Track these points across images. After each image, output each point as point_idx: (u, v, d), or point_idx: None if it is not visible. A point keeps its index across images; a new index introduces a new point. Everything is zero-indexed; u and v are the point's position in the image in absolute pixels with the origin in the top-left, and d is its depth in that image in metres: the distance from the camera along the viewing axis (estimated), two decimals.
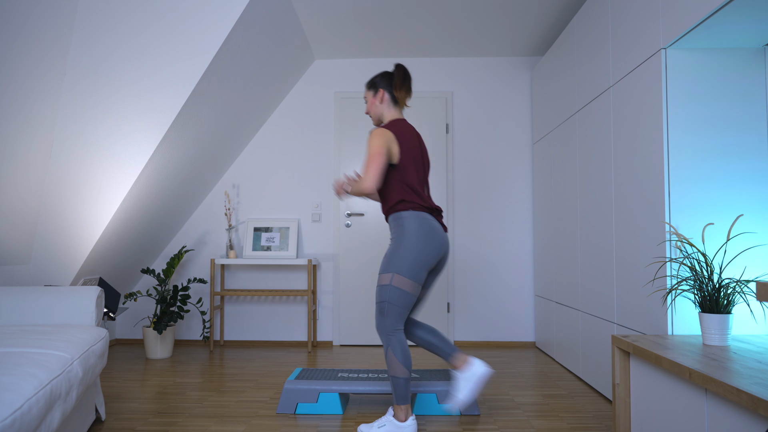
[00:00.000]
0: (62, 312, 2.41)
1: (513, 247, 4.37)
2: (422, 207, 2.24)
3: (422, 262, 2.18)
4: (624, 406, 2.13)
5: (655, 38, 2.26)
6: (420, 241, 2.17)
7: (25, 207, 3.04)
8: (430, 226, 2.21)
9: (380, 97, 2.35)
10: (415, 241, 2.17)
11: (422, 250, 2.17)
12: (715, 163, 2.19)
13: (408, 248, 2.17)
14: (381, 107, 2.36)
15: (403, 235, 2.19)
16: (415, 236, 2.18)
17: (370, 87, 2.39)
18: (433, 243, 2.20)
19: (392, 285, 2.17)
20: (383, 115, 2.37)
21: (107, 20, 2.97)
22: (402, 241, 2.18)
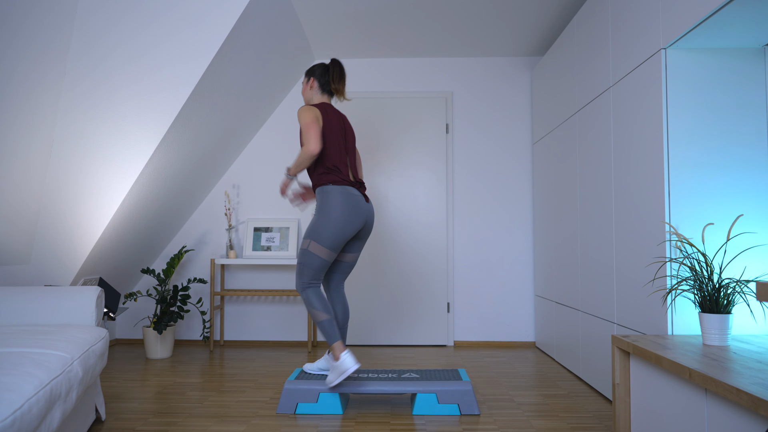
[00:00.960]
0: (62, 312, 2.41)
1: (513, 247, 4.37)
2: (345, 181, 2.52)
3: (340, 233, 2.48)
4: (624, 406, 2.13)
5: (655, 38, 2.26)
6: (340, 216, 2.47)
7: (25, 207, 3.04)
8: (351, 201, 2.50)
9: (311, 84, 2.73)
10: (335, 215, 2.47)
11: (341, 223, 2.47)
12: (715, 163, 2.19)
13: (328, 220, 2.47)
14: (311, 92, 2.73)
15: (325, 208, 2.48)
16: (336, 210, 2.47)
17: (306, 74, 2.76)
18: (352, 217, 2.50)
19: (309, 250, 2.50)
20: (312, 99, 2.74)
21: (107, 20, 2.97)
22: (324, 214, 2.48)
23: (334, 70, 2.69)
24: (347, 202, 2.49)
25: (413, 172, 4.40)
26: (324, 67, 2.73)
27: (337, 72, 2.68)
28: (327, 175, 2.53)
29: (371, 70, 4.48)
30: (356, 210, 2.52)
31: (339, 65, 2.70)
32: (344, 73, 2.70)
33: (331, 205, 2.48)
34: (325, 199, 2.50)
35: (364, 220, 2.56)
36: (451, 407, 2.57)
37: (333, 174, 2.52)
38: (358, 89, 4.48)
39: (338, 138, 2.59)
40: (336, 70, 2.69)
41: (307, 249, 2.50)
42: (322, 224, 2.48)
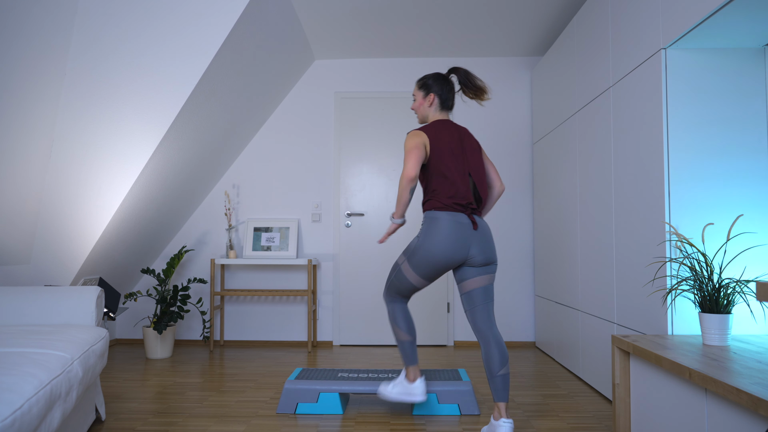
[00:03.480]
0: (62, 312, 2.41)
1: (513, 247, 4.37)
2: (451, 206, 2.22)
3: (432, 263, 2.21)
4: (624, 406, 2.13)
5: (655, 38, 2.26)
6: (434, 245, 2.20)
7: (25, 207, 3.04)
8: (451, 229, 2.20)
9: (429, 100, 2.39)
10: (429, 243, 2.20)
11: (434, 252, 2.20)
12: (715, 163, 2.19)
13: (423, 247, 2.22)
14: (428, 110, 2.40)
15: (424, 233, 2.23)
16: (431, 238, 2.20)
17: (421, 87, 2.41)
18: (449, 248, 2.19)
19: (401, 268, 2.32)
20: (428, 117, 2.42)
21: (107, 20, 2.97)
22: (422, 238, 2.23)
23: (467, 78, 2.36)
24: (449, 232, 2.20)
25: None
26: (443, 80, 2.39)
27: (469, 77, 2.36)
28: (431, 201, 2.26)
29: (371, 70, 4.48)
30: (457, 240, 2.20)
31: (465, 70, 2.39)
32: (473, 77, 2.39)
33: (427, 231, 2.22)
34: (428, 225, 2.23)
35: (467, 250, 2.21)
36: (451, 407, 2.57)
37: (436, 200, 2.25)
38: (358, 89, 4.48)
39: (454, 159, 2.27)
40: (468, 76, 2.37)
41: (401, 266, 2.30)
42: (420, 250, 2.22)
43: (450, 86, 2.39)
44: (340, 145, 4.45)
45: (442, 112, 2.39)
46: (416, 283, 2.29)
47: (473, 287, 2.29)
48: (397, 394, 2.44)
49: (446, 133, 2.30)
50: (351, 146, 4.45)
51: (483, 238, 2.25)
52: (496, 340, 2.25)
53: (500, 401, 2.18)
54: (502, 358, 2.21)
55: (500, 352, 2.22)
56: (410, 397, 2.41)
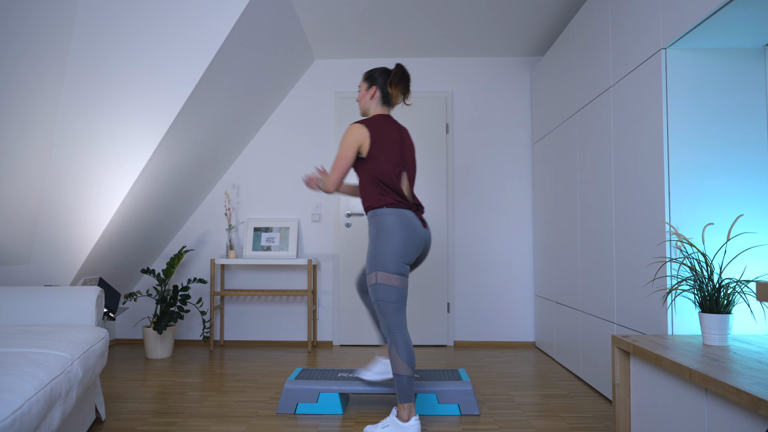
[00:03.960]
0: (62, 312, 2.41)
1: (513, 247, 4.37)
2: (399, 203, 2.25)
3: (402, 256, 2.21)
4: (624, 406, 2.13)
5: (655, 38, 2.26)
6: (397, 238, 2.20)
7: (25, 207, 3.04)
8: (407, 223, 2.23)
9: (372, 93, 2.40)
10: (393, 238, 2.20)
11: (400, 246, 2.20)
12: (715, 163, 2.19)
13: (387, 245, 2.19)
14: (370, 102, 2.41)
15: (381, 232, 2.22)
16: (392, 233, 2.21)
17: (366, 79, 2.43)
18: (410, 239, 2.22)
19: (379, 283, 2.20)
20: (369, 110, 2.43)
21: (107, 20, 2.97)
22: (380, 239, 2.21)
23: (396, 73, 2.37)
24: (405, 224, 2.22)
25: None
26: (387, 74, 2.40)
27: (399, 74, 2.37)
28: (382, 197, 2.25)
29: None
30: (415, 233, 2.24)
31: (404, 69, 2.39)
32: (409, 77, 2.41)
33: (388, 227, 2.21)
34: (381, 222, 2.23)
35: (422, 244, 2.28)
36: (451, 407, 2.57)
37: (386, 196, 2.25)
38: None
39: (393, 155, 2.29)
40: (399, 73, 2.37)
41: (377, 283, 2.20)
42: (382, 249, 2.20)
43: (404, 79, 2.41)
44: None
45: (384, 106, 2.40)
46: (400, 284, 2.21)
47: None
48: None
49: (387, 129, 2.32)
50: None
51: (429, 237, 2.35)
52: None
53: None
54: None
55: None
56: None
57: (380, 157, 2.26)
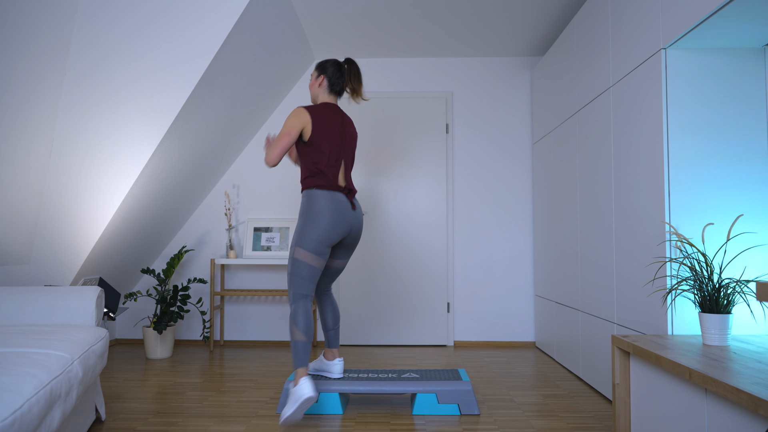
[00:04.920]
0: (62, 312, 2.41)
1: (513, 247, 4.37)
2: (331, 186, 2.43)
3: (324, 238, 2.38)
4: (624, 406, 2.13)
5: (655, 38, 2.26)
6: (322, 219, 2.38)
7: (25, 207, 3.04)
8: (333, 205, 2.41)
9: (320, 81, 2.59)
10: (318, 219, 2.38)
11: (324, 227, 2.38)
12: (715, 163, 2.19)
13: (311, 225, 2.38)
14: (318, 90, 2.60)
15: (308, 212, 2.40)
16: (318, 214, 2.39)
17: (317, 68, 2.61)
18: (336, 222, 2.40)
19: (295, 257, 2.40)
20: (318, 98, 2.61)
21: (107, 20, 2.97)
22: (307, 218, 2.40)
23: (351, 70, 2.57)
24: (332, 207, 2.39)
25: (413, 172, 4.40)
26: (337, 65, 2.58)
27: (355, 72, 2.57)
28: (312, 179, 2.42)
29: (371, 70, 4.48)
30: (341, 216, 2.41)
31: (356, 65, 2.58)
32: (360, 72, 2.60)
33: (315, 209, 2.38)
34: (310, 203, 2.40)
35: (349, 226, 2.46)
36: (451, 407, 2.57)
37: (318, 178, 2.41)
38: None
39: (332, 142, 2.46)
40: (354, 70, 2.57)
41: (293, 256, 2.40)
42: (306, 228, 2.38)
43: (341, 73, 2.58)
44: None
45: (330, 95, 2.59)
46: (314, 263, 2.38)
47: (338, 266, 2.65)
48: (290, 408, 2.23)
49: (330, 116, 2.49)
50: None
51: (357, 219, 2.52)
52: (331, 302, 2.71)
53: (334, 347, 2.69)
54: (334, 316, 2.70)
55: (333, 312, 2.70)
56: (300, 399, 2.22)
57: (319, 144, 2.44)
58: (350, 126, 2.60)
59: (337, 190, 2.44)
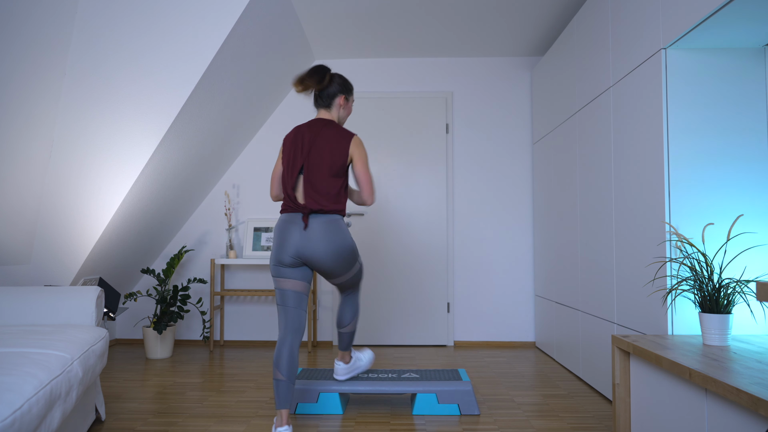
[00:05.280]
0: (62, 312, 2.41)
1: (513, 247, 4.37)
2: (286, 209, 2.28)
3: (275, 258, 2.25)
4: (624, 406, 2.13)
5: (655, 38, 2.26)
6: (274, 243, 2.29)
7: (25, 207, 3.04)
8: (279, 227, 2.26)
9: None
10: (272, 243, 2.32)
11: (274, 249, 2.27)
12: (715, 163, 2.19)
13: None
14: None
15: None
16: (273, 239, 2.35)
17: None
18: (279, 243, 2.24)
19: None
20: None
21: (107, 20, 2.97)
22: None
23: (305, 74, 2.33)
24: (277, 230, 2.26)
25: (413, 172, 4.40)
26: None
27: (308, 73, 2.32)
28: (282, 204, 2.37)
29: (371, 70, 4.48)
30: (284, 238, 2.23)
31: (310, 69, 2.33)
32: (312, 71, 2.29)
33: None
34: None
35: (293, 249, 2.21)
36: (451, 407, 2.57)
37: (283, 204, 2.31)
38: (358, 89, 4.48)
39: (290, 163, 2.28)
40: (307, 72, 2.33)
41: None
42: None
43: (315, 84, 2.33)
44: None
45: (319, 110, 2.40)
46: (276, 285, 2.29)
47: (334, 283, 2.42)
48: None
49: (294, 136, 2.31)
50: None
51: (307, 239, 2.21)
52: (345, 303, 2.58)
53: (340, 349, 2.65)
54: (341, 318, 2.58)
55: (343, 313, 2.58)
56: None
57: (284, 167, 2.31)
58: (323, 133, 2.29)
59: (289, 211, 2.26)
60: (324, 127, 2.31)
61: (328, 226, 2.23)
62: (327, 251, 2.23)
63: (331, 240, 2.23)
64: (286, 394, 2.15)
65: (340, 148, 2.28)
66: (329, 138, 2.28)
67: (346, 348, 2.63)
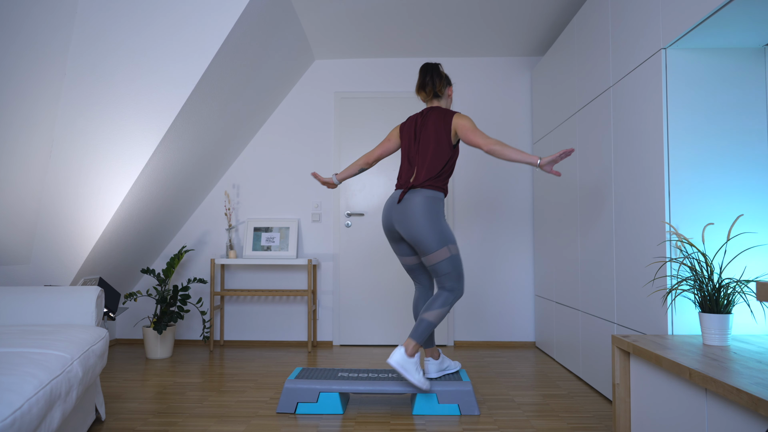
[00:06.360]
0: (62, 312, 2.41)
1: (513, 247, 4.37)
2: (397, 186, 2.68)
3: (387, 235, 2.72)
4: (624, 406, 2.13)
5: (655, 38, 2.26)
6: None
7: (25, 207, 3.04)
8: (385, 205, 2.69)
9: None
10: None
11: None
12: (716, 163, 2.19)
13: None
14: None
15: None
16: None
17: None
18: (383, 218, 2.68)
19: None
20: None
21: (107, 20, 2.97)
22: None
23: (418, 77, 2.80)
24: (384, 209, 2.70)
25: None
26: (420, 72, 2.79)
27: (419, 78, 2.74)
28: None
29: (371, 70, 4.48)
30: (385, 212, 2.67)
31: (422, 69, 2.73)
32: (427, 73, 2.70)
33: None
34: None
35: (389, 220, 2.64)
36: (451, 407, 2.57)
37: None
38: (358, 89, 4.48)
39: (407, 145, 2.69)
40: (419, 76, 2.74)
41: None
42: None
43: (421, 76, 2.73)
44: (339, 145, 4.45)
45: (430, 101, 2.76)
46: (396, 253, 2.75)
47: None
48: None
49: (410, 122, 2.72)
50: (351, 146, 4.45)
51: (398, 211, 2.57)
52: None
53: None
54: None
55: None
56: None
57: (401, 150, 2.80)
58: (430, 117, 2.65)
59: (397, 188, 2.68)
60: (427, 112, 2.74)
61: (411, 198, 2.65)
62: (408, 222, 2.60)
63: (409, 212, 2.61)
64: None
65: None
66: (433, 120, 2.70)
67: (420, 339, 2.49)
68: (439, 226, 2.50)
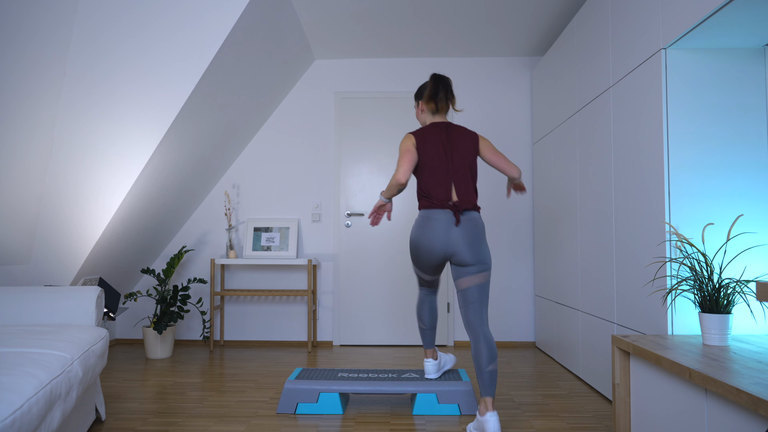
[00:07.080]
0: (62, 312, 2.41)
1: (513, 247, 4.37)
2: (433, 205, 2.38)
3: (415, 257, 2.46)
4: (624, 406, 2.13)
5: (655, 38, 2.26)
6: (412, 242, 2.44)
7: (25, 207, 3.04)
8: (423, 230, 2.38)
9: (420, 108, 2.62)
10: (411, 240, 2.45)
11: (413, 248, 2.44)
12: (715, 163, 2.19)
13: (410, 240, 2.47)
14: (422, 116, 2.61)
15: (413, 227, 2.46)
16: (412, 236, 2.44)
17: (415, 99, 2.69)
18: (419, 245, 2.39)
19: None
20: (426, 122, 2.60)
21: (107, 20, 2.97)
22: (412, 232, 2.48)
23: (431, 86, 2.48)
24: (419, 231, 2.38)
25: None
26: (423, 88, 2.61)
27: (432, 86, 2.48)
28: (420, 200, 2.44)
29: (371, 70, 4.48)
30: (423, 240, 2.36)
31: (436, 79, 2.49)
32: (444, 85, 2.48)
33: (414, 226, 2.43)
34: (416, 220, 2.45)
35: (442, 243, 2.33)
36: (451, 407, 2.57)
37: (424, 199, 2.41)
38: (358, 89, 4.48)
39: (437, 161, 2.40)
40: (431, 85, 2.48)
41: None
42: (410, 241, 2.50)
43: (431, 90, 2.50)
44: (340, 145, 4.45)
45: (433, 116, 2.55)
46: (418, 273, 2.55)
47: (465, 286, 2.36)
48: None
49: (431, 136, 2.45)
50: (351, 146, 4.45)
51: (464, 234, 2.33)
52: (485, 338, 2.29)
53: (487, 396, 2.22)
54: (490, 355, 2.26)
55: (489, 349, 2.27)
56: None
57: (424, 165, 2.43)
58: (458, 137, 2.45)
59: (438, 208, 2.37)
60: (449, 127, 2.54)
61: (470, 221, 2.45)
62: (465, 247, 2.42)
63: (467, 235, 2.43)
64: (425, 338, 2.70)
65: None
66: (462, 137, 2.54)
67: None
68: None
